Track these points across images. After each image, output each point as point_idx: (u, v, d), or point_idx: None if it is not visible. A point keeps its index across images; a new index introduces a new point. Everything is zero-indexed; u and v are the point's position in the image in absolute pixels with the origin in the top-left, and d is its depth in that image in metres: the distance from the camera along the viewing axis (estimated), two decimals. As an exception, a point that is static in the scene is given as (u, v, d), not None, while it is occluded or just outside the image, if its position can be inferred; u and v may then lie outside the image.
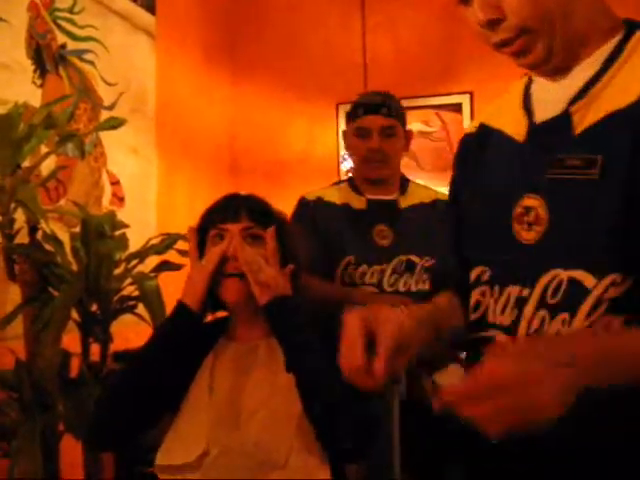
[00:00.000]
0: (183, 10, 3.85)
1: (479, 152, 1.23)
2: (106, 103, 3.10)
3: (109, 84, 3.13)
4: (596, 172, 1.01)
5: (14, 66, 2.56)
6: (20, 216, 2.12)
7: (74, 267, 2.15)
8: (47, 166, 2.42)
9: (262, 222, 1.65)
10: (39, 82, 2.68)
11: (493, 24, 1.06)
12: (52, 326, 1.99)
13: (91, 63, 3.02)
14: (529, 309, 1.05)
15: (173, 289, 1.76)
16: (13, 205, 2.07)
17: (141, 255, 2.21)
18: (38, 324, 2.02)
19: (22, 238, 2.13)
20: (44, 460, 1.98)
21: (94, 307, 2.15)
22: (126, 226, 2.28)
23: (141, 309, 2.15)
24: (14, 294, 2.15)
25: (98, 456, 2.08)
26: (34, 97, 2.63)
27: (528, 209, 1.08)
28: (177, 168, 3.70)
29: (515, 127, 1.15)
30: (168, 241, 2.22)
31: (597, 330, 0.94)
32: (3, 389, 2.05)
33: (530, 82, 1.19)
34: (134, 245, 2.30)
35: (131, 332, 2.28)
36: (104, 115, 3.05)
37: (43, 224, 2.13)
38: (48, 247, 2.13)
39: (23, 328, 2.09)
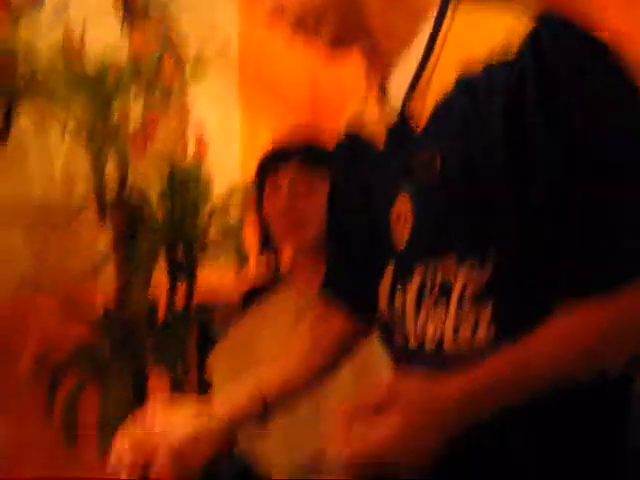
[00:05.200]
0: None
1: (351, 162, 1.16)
2: (190, 54, 3.15)
3: (192, 35, 3.17)
4: (435, 173, 0.96)
5: (102, 21, 2.63)
6: (110, 167, 2.21)
7: (161, 215, 2.24)
8: (135, 119, 2.50)
9: (316, 169, 1.62)
10: (126, 36, 2.75)
11: None
12: (141, 271, 2.10)
13: (174, 15, 3.06)
14: (410, 306, 1.01)
15: (255, 238, 1.81)
16: (104, 157, 2.16)
17: (225, 204, 2.28)
18: (127, 270, 2.13)
19: (112, 187, 2.23)
20: (133, 400, 2.11)
21: (180, 254, 2.23)
22: (210, 176, 2.35)
23: (225, 257, 2.23)
24: (105, 242, 2.26)
25: (184, 390, 2.17)
26: (121, 51, 2.69)
27: (400, 209, 1.03)
28: (260, 115, 3.73)
29: (375, 131, 1.08)
30: (252, 190, 2.26)
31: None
32: (95, 331, 2.17)
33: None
34: (217, 190, 2.38)
35: (215, 278, 2.36)
36: (188, 66, 3.10)
37: (132, 174, 2.21)
38: (136, 196, 2.23)
39: (114, 273, 2.20)
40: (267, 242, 1.71)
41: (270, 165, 1.66)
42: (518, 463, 0.96)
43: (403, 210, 1.02)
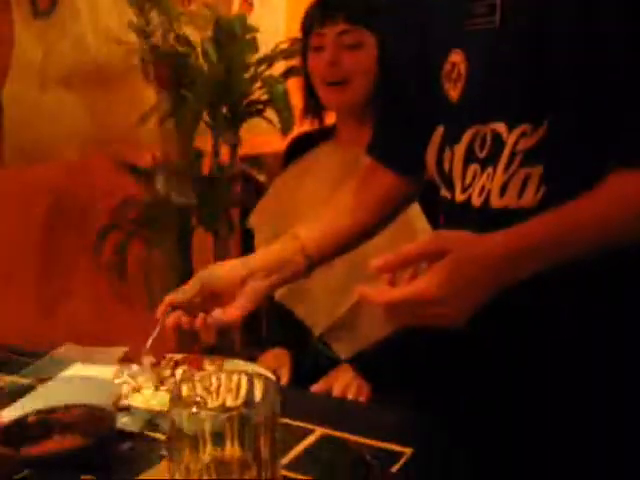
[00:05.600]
0: None
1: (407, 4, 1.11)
2: None
3: None
4: (496, 20, 0.93)
5: None
6: (155, 18, 2.17)
7: (206, 68, 2.19)
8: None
9: (364, 22, 1.51)
10: None
11: None
12: (185, 126, 2.08)
13: None
14: (457, 164, 1.00)
15: (300, 95, 1.76)
16: (148, 6, 2.12)
17: (270, 59, 2.22)
18: (172, 124, 2.12)
19: (156, 40, 2.19)
20: (178, 251, 2.15)
21: (225, 110, 2.21)
22: (256, 30, 2.29)
23: (269, 113, 2.20)
24: (149, 97, 2.25)
25: (228, 246, 2.22)
26: None
27: (453, 65, 1.00)
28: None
29: None
30: (297, 46, 2.21)
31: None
32: (141, 185, 2.19)
33: None
34: (262, 51, 2.32)
35: (259, 136, 2.36)
36: None
37: (176, 26, 2.17)
38: (181, 49, 2.18)
39: (158, 127, 2.20)
40: (312, 100, 1.67)
41: (317, 17, 1.59)
42: (555, 319, 0.96)
43: (456, 66, 0.99)
